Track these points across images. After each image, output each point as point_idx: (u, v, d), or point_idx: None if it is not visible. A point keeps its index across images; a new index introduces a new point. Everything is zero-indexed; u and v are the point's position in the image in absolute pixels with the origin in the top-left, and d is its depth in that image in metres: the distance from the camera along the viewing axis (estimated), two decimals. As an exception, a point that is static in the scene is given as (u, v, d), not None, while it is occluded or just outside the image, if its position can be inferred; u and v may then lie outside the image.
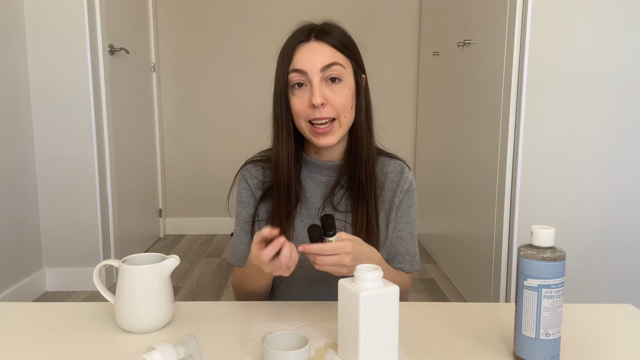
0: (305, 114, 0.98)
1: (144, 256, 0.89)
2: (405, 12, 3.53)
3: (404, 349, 0.79)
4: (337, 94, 0.97)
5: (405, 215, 1.08)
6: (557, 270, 0.71)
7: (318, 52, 0.97)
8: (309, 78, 0.97)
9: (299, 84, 0.98)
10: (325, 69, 0.96)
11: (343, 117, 0.98)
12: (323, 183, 1.07)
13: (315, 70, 0.96)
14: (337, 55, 0.98)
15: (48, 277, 2.58)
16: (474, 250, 2.40)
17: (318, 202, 1.06)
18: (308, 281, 1.07)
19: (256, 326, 0.87)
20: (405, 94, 3.60)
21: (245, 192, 1.09)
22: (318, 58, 0.97)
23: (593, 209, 2.03)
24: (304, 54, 0.98)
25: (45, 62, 2.46)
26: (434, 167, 3.17)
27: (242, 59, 3.55)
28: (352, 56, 1.01)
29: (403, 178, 1.08)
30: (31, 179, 2.49)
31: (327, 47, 0.98)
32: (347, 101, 0.99)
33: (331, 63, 0.97)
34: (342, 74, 0.98)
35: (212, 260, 3.12)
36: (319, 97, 0.95)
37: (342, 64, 0.98)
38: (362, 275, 0.73)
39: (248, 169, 1.10)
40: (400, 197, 1.07)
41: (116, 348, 0.80)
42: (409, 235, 1.08)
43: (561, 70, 1.95)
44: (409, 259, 1.09)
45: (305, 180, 1.08)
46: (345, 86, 0.99)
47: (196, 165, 3.65)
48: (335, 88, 0.98)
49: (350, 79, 1.00)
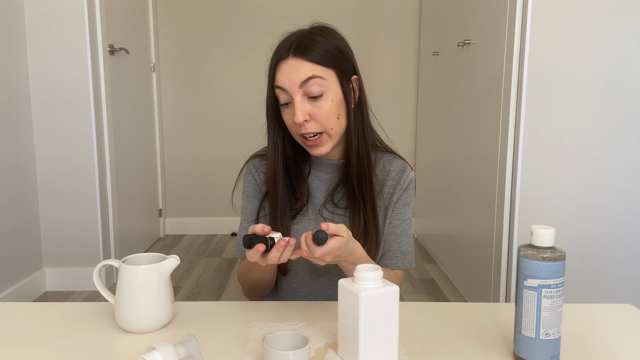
0: (295, 129, 1.01)
1: (144, 256, 0.89)
2: (405, 12, 3.53)
3: (404, 349, 0.79)
4: (319, 108, 0.98)
5: (401, 213, 1.09)
6: (557, 270, 0.71)
7: (295, 69, 0.97)
8: (291, 95, 0.98)
9: (286, 103, 1.00)
10: (303, 84, 0.97)
11: (330, 129, 1.00)
12: (327, 180, 1.10)
13: (294, 87, 0.97)
14: (315, 69, 0.97)
15: (48, 277, 2.58)
16: (474, 250, 2.40)
17: (322, 199, 1.09)
18: (310, 274, 1.09)
19: (256, 326, 0.87)
20: (405, 94, 3.60)
21: (252, 186, 1.11)
22: (296, 75, 0.97)
23: (593, 208, 2.03)
24: (283, 72, 0.99)
25: (45, 62, 2.46)
26: (434, 167, 3.17)
27: (242, 59, 3.55)
28: (334, 65, 0.99)
29: (404, 176, 1.09)
30: (31, 179, 2.49)
31: (304, 62, 0.97)
32: (331, 113, 0.99)
33: (308, 78, 0.97)
34: (323, 86, 0.97)
35: (212, 260, 3.12)
36: (300, 115, 0.96)
37: (321, 76, 0.97)
38: (362, 275, 0.73)
39: (254, 163, 1.12)
40: (399, 194, 1.08)
41: (116, 348, 0.80)
42: (403, 233, 1.09)
43: (561, 70, 1.95)
44: (400, 256, 1.09)
45: (312, 177, 1.11)
46: (328, 98, 0.98)
47: (196, 165, 3.65)
48: (318, 103, 0.98)
49: (334, 89, 0.99)
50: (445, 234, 2.90)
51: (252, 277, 1.06)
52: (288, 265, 1.09)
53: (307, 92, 0.97)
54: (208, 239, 3.56)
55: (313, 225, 1.08)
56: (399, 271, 1.10)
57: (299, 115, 0.96)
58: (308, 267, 1.09)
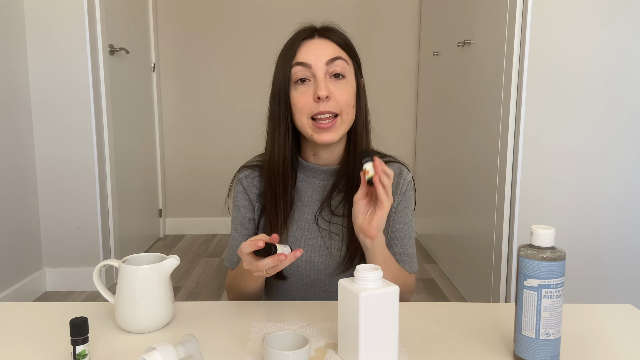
0: (308, 109, 0.97)
1: (144, 256, 0.89)
2: (405, 12, 3.53)
3: (404, 349, 0.79)
4: (341, 89, 0.98)
5: (403, 216, 1.07)
6: (557, 270, 0.71)
7: (322, 47, 0.99)
8: (313, 72, 0.97)
9: (302, 80, 0.98)
10: (330, 62, 0.97)
11: (346, 113, 0.99)
12: (320, 187, 1.06)
13: (320, 64, 0.97)
14: (341, 52, 1.00)
15: (48, 277, 2.58)
16: (474, 250, 2.40)
17: (315, 207, 1.06)
18: (305, 286, 1.07)
19: (256, 326, 0.87)
20: (405, 94, 3.60)
21: (241, 196, 1.08)
22: (323, 52, 0.98)
23: (593, 208, 2.03)
24: (308, 49, 0.99)
25: (45, 62, 2.46)
26: (434, 167, 3.17)
27: (242, 59, 3.55)
28: (354, 56, 1.03)
29: (401, 180, 1.07)
30: (31, 179, 2.49)
31: (331, 43, 1.00)
32: (350, 98, 0.99)
33: (336, 57, 0.98)
34: (346, 70, 0.99)
35: (212, 260, 3.12)
36: (324, 89, 0.95)
37: (345, 59, 1.00)
38: (362, 275, 0.73)
39: (245, 173, 1.08)
40: (399, 199, 1.06)
41: (116, 348, 0.80)
42: (407, 236, 1.08)
43: (561, 70, 1.95)
44: (407, 260, 1.07)
45: (302, 184, 1.07)
46: (349, 83, 1.00)
47: (196, 165, 3.65)
48: (339, 84, 0.98)
49: (353, 78, 1.02)
50: (445, 234, 2.90)
51: (238, 289, 1.03)
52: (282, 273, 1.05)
53: (331, 71, 0.97)
54: (208, 239, 3.56)
55: (306, 234, 1.05)
56: (412, 275, 1.09)
57: (322, 89, 0.95)
58: (303, 279, 1.06)
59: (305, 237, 1.05)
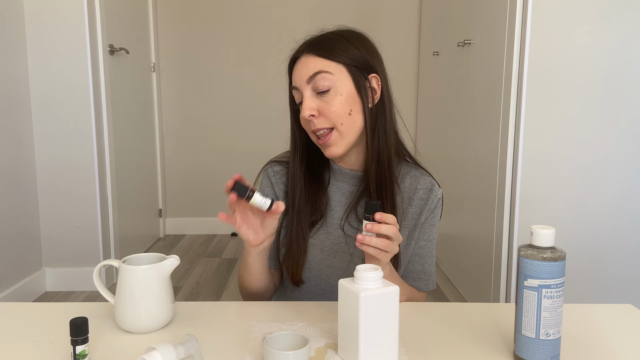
0: (307, 127, 1.00)
1: (144, 256, 0.89)
2: (405, 12, 3.53)
3: (404, 349, 0.79)
4: (327, 102, 0.96)
5: (427, 233, 1.05)
6: (557, 271, 0.71)
7: (305, 65, 0.97)
8: (302, 92, 0.98)
9: (301, 103, 0.99)
10: (310, 79, 0.96)
11: (340, 124, 0.96)
12: (348, 192, 1.06)
13: (303, 83, 0.97)
14: (323, 63, 0.96)
15: (48, 277, 2.58)
16: (474, 251, 2.40)
17: (342, 212, 1.05)
18: (322, 291, 1.06)
19: (256, 326, 0.87)
20: (405, 94, 3.60)
21: (268, 190, 1.08)
22: (305, 72, 0.97)
23: (593, 208, 2.03)
24: (296, 70, 0.99)
25: (45, 62, 2.46)
26: (434, 167, 3.15)
27: (241, 59, 3.55)
28: (345, 60, 0.97)
29: (432, 195, 1.05)
30: (31, 179, 2.49)
31: (314, 58, 0.97)
32: (341, 108, 0.96)
33: (315, 73, 0.96)
34: (331, 81, 0.96)
35: (212, 260, 3.12)
36: (307, 109, 0.96)
37: (328, 71, 0.96)
38: (362, 275, 0.73)
39: (275, 169, 1.08)
40: (427, 215, 1.05)
41: (116, 348, 0.80)
42: (428, 254, 1.06)
43: (561, 70, 1.95)
44: (425, 277, 1.06)
45: (332, 188, 1.06)
46: (337, 92, 0.96)
47: (196, 165, 3.65)
48: (325, 97, 0.96)
49: (345, 84, 0.96)
50: (445, 234, 2.90)
51: (246, 282, 1.03)
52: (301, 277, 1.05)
53: (315, 88, 0.96)
54: (208, 239, 3.56)
55: (331, 239, 1.04)
56: (422, 293, 1.08)
57: (304, 110, 0.95)
58: (322, 284, 1.05)
59: (330, 242, 1.04)
